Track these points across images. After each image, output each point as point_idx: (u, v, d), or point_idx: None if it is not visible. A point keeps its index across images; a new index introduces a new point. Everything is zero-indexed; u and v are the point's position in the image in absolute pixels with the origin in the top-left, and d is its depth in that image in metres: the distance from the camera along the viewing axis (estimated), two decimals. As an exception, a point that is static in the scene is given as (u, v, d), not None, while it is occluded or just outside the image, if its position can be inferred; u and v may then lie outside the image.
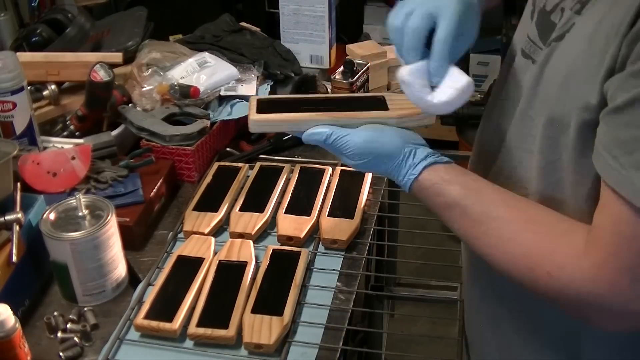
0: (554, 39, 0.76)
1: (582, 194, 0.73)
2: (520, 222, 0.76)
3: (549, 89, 0.76)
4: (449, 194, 0.80)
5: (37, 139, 1.28)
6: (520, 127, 0.81)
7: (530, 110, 0.79)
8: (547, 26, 0.79)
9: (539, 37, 0.80)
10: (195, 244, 1.11)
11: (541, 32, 0.80)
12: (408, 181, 0.83)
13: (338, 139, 0.85)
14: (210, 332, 0.95)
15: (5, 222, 1.00)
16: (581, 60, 0.70)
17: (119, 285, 1.06)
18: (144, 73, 1.44)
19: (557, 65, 0.75)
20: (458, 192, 0.80)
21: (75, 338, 0.97)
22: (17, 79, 1.21)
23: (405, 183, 0.83)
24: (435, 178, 0.81)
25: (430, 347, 2.02)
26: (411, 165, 0.82)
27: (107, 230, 1.01)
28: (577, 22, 0.73)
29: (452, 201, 0.80)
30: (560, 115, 0.73)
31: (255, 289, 1.02)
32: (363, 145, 0.84)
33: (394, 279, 1.92)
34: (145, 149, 1.30)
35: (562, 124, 0.73)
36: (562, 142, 0.74)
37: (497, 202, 0.78)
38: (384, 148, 0.84)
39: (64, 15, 1.59)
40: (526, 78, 0.81)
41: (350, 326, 1.01)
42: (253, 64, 1.51)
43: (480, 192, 0.80)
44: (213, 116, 1.40)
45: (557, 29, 0.76)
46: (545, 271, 0.71)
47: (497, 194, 0.80)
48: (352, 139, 0.85)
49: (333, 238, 1.13)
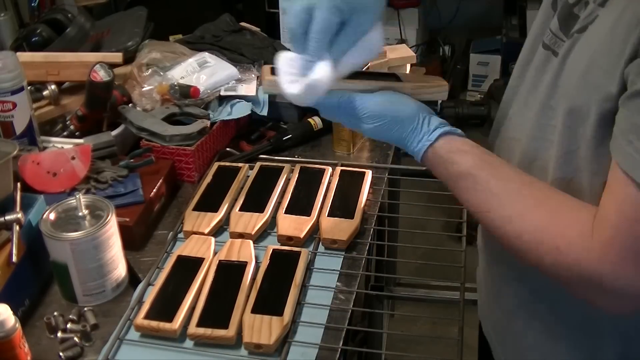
0: (577, 30, 0.77)
1: (599, 184, 0.74)
2: (533, 198, 0.76)
3: (570, 80, 0.76)
4: (464, 163, 0.79)
5: (37, 139, 1.28)
6: (541, 117, 0.82)
7: (551, 100, 0.80)
8: (569, 19, 0.80)
9: (560, 29, 0.81)
10: (195, 244, 1.11)
11: (563, 24, 0.81)
12: (423, 147, 0.81)
13: (354, 100, 0.82)
14: (210, 332, 0.95)
15: (5, 222, 1.00)
16: (603, 51, 0.71)
17: (119, 285, 1.06)
18: (144, 73, 1.44)
19: (579, 56, 0.75)
20: (473, 163, 0.79)
21: (75, 338, 0.97)
22: (17, 79, 1.21)
23: (420, 149, 0.82)
24: (451, 147, 0.80)
25: (430, 347, 2.02)
26: (427, 131, 0.81)
27: (107, 230, 1.01)
28: (600, 14, 0.74)
29: (467, 171, 0.79)
30: (580, 106, 0.74)
31: (255, 289, 1.02)
32: (379, 107, 0.82)
33: (394, 279, 1.92)
34: (145, 149, 1.30)
35: (581, 114, 0.74)
36: (581, 132, 0.75)
37: (511, 176, 0.79)
38: (401, 111, 0.82)
39: (64, 15, 1.59)
40: (547, 70, 0.82)
41: (350, 326, 1.01)
42: (253, 64, 1.51)
43: (495, 166, 0.80)
44: (213, 116, 1.40)
45: (580, 21, 0.77)
46: (554, 246, 0.72)
47: (511, 169, 0.80)
48: (368, 99, 0.82)
49: (333, 238, 1.13)
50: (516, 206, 0.76)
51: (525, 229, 0.75)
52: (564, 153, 0.78)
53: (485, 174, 0.78)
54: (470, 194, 0.80)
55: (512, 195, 0.77)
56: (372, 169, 1.32)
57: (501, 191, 0.77)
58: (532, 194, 0.77)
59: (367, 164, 1.38)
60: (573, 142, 0.76)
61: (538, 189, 0.78)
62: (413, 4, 2.97)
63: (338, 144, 1.42)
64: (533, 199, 0.76)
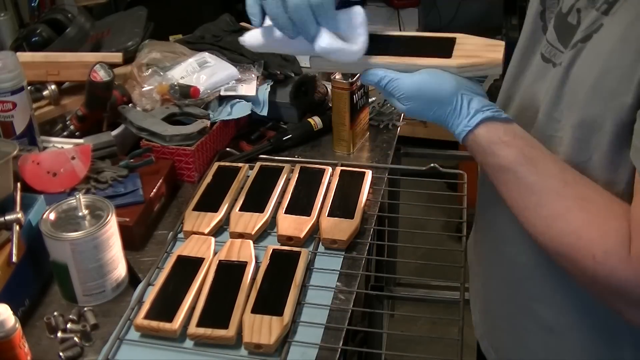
0: (580, 39, 0.75)
1: (616, 194, 0.73)
2: (574, 199, 0.73)
3: (577, 91, 0.75)
4: (505, 156, 0.76)
5: (37, 139, 1.28)
6: (545, 129, 0.80)
7: (555, 112, 0.78)
8: (565, 28, 0.78)
9: (558, 40, 0.80)
10: (195, 244, 1.11)
11: (560, 34, 0.80)
12: (463, 132, 0.78)
13: (391, 81, 0.81)
14: (210, 332, 0.95)
15: (5, 222, 1.00)
16: (614, 60, 0.70)
17: (119, 285, 1.06)
18: (144, 73, 1.44)
19: (586, 66, 0.74)
20: (515, 157, 0.76)
21: (75, 338, 0.97)
22: (17, 79, 1.21)
23: (460, 133, 0.79)
24: (492, 136, 0.77)
25: (430, 347, 2.02)
26: (466, 115, 0.78)
27: (107, 230, 1.01)
28: (605, 22, 0.73)
29: (507, 165, 0.76)
30: (593, 117, 0.72)
31: (255, 289, 1.02)
32: (414, 87, 0.80)
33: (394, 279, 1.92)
34: (145, 149, 1.30)
35: (594, 125, 0.72)
36: (593, 142, 0.73)
37: (553, 174, 0.75)
38: (436, 92, 0.79)
39: (64, 15, 1.59)
40: (548, 81, 0.80)
41: (350, 326, 1.01)
42: (253, 64, 1.51)
43: (536, 161, 0.76)
44: (213, 116, 1.40)
45: (582, 30, 0.75)
46: (591, 254, 0.70)
47: (554, 164, 0.76)
48: (404, 81, 0.80)
49: (333, 238, 1.13)
50: (555, 207, 0.74)
51: (562, 232, 0.73)
52: (573, 165, 0.76)
53: (526, 170, 0.75)
54: (509, 189, 0.77)
55: (552, 194, 0.74)
56: (372, 169, 1.32)
57: (541, 189, 0.75)
58: (573, 195, 0.74)
59: (367, 164, 1.38)
60: (584, 154, 0.75)
61: (580, 189, 0.74)
62: (413, 4, 2.96)
63: (338, 144, 1.42)
64: (573, 201, 0.73)
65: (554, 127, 0.79)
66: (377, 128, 1.51)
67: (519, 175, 0.76)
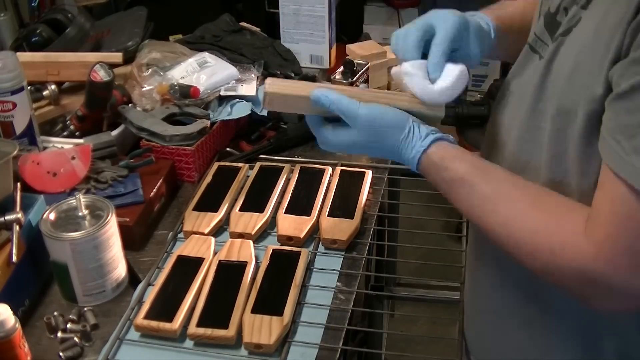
0: (561, 33, 0.78)
1: (588, 184, 0.75)
2: (527, 202, 0.77)
3: (556, 82, 0.77)
4: (457, 169, 0.81)
5: (37, 139, 1.28)
6: (531, 120, 0.82)
7: (540, 103, 0.80)
8: (553, 25, 0.81)
9: (547, 33, 0.82)
10: (195, 244, 1.11)
11: (548, 28, 0.82)
12: (417, 154, 0.82)
13: (346, 103, 0.84)
14: (210, 332, 0.95)
15: (5, 222, 1.00)
16: (587, 53, 0.72)
17: (119, 285, 1.06)
18: (144, 73, 1.44)
19: (565, 58, 0.76)
20: (466, 169, 0.81)
21: (75, 338, 0.97)
22: (17, 79, 1.21)
23: (414, 157, 0.83)
24: (444, 153, 0.82)
25: (430, 347, 2.02)
26: (419, 137, 0.83)
27: (107, 230, 1.01)
28: (583, 16, 0.75)
29: (461, 177, 0.80)
30: (568, 107, 0.75)
31: (255, 289, 1.02)
32: (370, 114, 0.84)
33: (394, 279, 1.92)
34: (145, 149, 1.30)
35: (569, 116, 0.75)
36: (569, 133, 0.75)
37: (504, 181, 0.80)
38: (391, 118, 0.84)
39: (64, 15, 1.59)
40: (533, 73, 0.83)
41: (350, 326, 1.01)
42: (253, 64, 1.51)
43: (488, 171, 0.81)
44: (213, 116, 1.40)
45: (563, 24, 0.78)
46: (548, 249, 0.73)
47: (504, 173, 0.81)
48: (360, 106, 0.84)
49: (333, 238, 1.13)
50: (509, 210, 0.77)
51: (519, 233, 0.76)
52: (553, 155, 0.78)
53: (479, 180, 0.80)
54: (464, 199, 0.81)
55: (505, 199, 0.78)
56: (372, 169, 1.32)
57: (494, 196, 0.79)
58: (525, 197, 0.78)
59: (367, 164, 1.38)
60: (562, 144, 0.77)
61: (531, 191, 0.78)
62: (413, 4, 2.96)
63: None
64: (526, 203, 0.77)
65: (538, 117, 0.81)
66: (377, 128, 1.51)
67: (473, 185, 0.80)
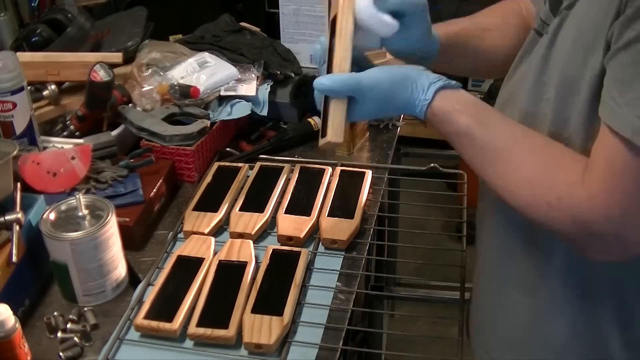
0: (565, 7, 0.79)
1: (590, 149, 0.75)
2: (525, 154, 0.79)
3: (561, 52, 0.79)
4: (459, 123, 0.82)
5: (37, 139, 1.28)
6: (536, 92, 0.84)
7: (544, 75, 0.82)
8: (556, 4, 0.83)
9: (551, 14, 0.84)
10: (195, 244, 1.11)
11: (552, 9, 0.84)
12: (423, 108, 0.84)
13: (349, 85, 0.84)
14: (210, 332, 0.95)
15: (5, 222, 1.00)
16: (589, 22, 0.74)
17: (119, 285, 1.06)
18: (144, 73, 1.44)
19: (568, 30, 0.78)
20: (467, 122, 0.82)
21: (75, 338, 0.97)
22: (17, 79, 1.21)
23: (421, 110, 0.84)
24: (446, 106, 0.83)
25: (430, 347, 2.02)
26: (422, 90, 0.84)
27: (107, 230, 1.01)
28: None
29: (463, 130, 0.82)
30: (572, 75, 0.76)
31: (255, 289, 1.02)
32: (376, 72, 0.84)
33: (394, 279, 1.93)
34: (145, 149, 1.30)
35: (573, 85, 0.76)
36: (574, 101, 0.77)
37: (504, 133, 0.82)
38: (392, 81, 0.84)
39: (64, 15, 1.59)
40: (538, 49, 0.84)
41: (350, 326, 1.01)
42: (253, 64, 1.51)
43: (488, 123, 0.83)
44: (213, 116, 1.40)
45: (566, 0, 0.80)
46: (545, 201, 0.75)
47: (505, 125, 0.83)
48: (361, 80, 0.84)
49: (333, 238, 1.13)
50: (509, 162, 0.80)
51: (518, 184, 0.78)
52: (556, 123, 0.80)
53: (479, 132, 0.82)
54: (468, 151, 0.84)
55: (504, 152, 0.80)
56: (372, 169, 1.32)
57: (494, 148, 0.81)
58: (525, 149, 0.80)
59: (367, 164, 1.38)
60: (566, 112, 0.78)
61: (531, 142, 0.80)
62: (413, 4, 2.96)
63: (339, 144, 1.42)
64: (525, 154, 0.79)
65: (543, 90, 0.82)
66: (377, 128, 1.51)
67: (474, 138, 0.82)
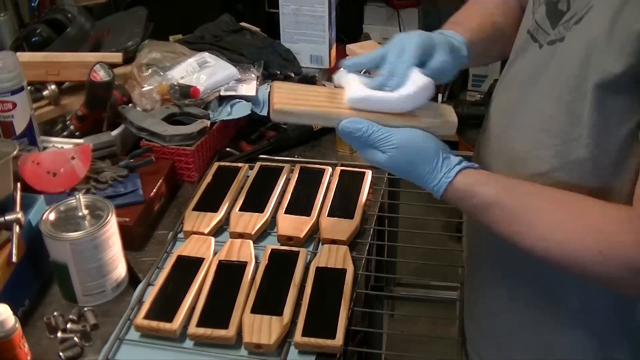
0: (574, 22, 0.77)
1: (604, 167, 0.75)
2: (562, 210, 0.77)
3: (564, 65, 0.77)
4: (485, 193, 0.80)
5: (37, 139, 1.28)
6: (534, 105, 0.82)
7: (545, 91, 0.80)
8: (556, 15, 0.81)
9: (548, 22, 0.82)
10: (195, 244, 1.11)
11: (551, 19, 0.82)
12: (443, 184, 0.82)
13: (379, 132, 0.83)
14: (210, 332, 0.95)
15: (5, 222, 1.00)
16: (604, 35, 0.71)
17: (119, 285, 1.06)
18: (144, 73, 1.44)
19: (574, 43, 0.76)
20: (495, 191, 0.80)
21: (75, 338, 0.97)
22: (17, 79, 1.21)
23: (440, 186, 0.82)
24: (470, 180, 0.81)
25: (430, 347, 2.02)
26: (446, 169, 0.82)
27: (107, 230, 1.01)
28: (594, 3, 0.75)
29: (490, 200, 0.80)
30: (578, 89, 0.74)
31: (255, 289, 1.02)
32: (406, 141, 0.83)
33: (394, 279, 1.92)
34: (145, 149, 1.30)
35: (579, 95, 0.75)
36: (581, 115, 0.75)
37: (534, 194, 0.79)
38: (425, 146, 0.83)
39: (64, 15, 1.59)
40: (532, 59, 0.83)
41: (350, 326, 1.01)
42: (253, 64, 1.51)
43: (515, 188, 0.81)
44: (213, 116, 1.40)
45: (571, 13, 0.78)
46: (597, 251, 0.72)
47: (531, 187, 0.80)
48: (395, 133, 0.83)
49: (333, 238, 1.13)
50: (547, 224, 0.76)
51: (562, 243, 0.75)
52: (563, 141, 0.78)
53: (509, 198, 0.79)
54: (499, 222, 0.80)
55: (541, 212, 0.77)
56: (372, 169, 1.32)
57: (528, 211, 0.78)
58: (560, 206, 0.77)
59: (367, 164, 1.38)
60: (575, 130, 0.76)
61: (561, 199, 0.77)
62: (413, 4, 2.96)
63: (340, 144, 1.42)
64: (562, 211, 0.76)
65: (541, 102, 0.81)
66: (377, 128, 1.51)
67: (504, 205, 0.79)
